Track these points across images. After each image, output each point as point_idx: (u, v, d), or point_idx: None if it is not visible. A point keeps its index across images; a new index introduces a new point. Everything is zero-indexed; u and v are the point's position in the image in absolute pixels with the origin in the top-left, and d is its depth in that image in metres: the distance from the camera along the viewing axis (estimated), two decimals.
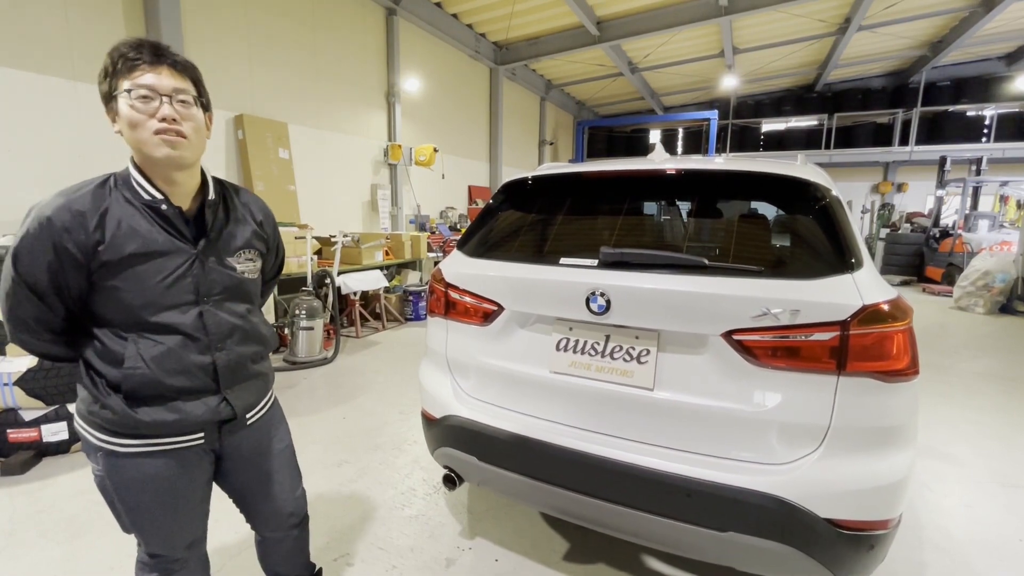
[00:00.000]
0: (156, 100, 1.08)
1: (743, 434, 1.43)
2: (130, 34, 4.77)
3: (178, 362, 1.16)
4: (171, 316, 1.15)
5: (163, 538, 1.28)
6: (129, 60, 1.07)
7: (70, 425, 2.85)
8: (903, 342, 1.34)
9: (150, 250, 1.12)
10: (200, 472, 1.28)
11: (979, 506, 2.50)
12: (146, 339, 1.13)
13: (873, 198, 15.12)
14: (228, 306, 1.25)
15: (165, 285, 1.13)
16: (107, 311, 1.12)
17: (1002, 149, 12.37)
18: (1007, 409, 3.76)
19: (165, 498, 1.22)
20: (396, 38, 8.21)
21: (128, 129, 1.09)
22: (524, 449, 1.67)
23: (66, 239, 1.05)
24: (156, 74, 1.08)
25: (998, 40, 12.05)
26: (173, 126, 1.10)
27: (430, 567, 2.02)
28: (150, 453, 1.18)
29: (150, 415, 1.14)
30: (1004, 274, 7.42)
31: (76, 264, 1.07)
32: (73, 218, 1.05)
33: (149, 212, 1.13)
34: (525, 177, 2.01)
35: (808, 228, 1.53)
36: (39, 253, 1.04)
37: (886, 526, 1.36)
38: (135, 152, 1.14)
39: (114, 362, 1.12)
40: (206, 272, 1.20)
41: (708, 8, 8.75)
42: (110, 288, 1.10)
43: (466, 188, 11.10)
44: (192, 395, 1.19)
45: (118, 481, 1.19)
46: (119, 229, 1.09)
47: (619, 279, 1.54)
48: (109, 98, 1.10)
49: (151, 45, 1.10)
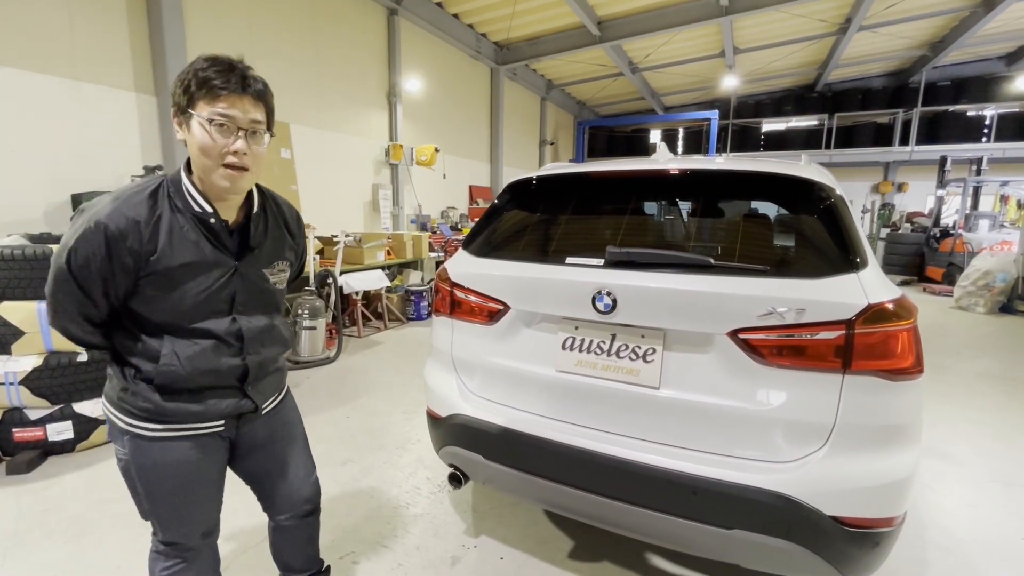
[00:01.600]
0: (232, 132, 1.11)
1: (749, 432, 1.44)
2: (133, 35, 4.82)
3: (210, 363, 1.21)
4: (208, 323, 1.20)
5: (180, 523, 1.31)
6: (215, 88, 1.08)
7: (75, 424, 2.85)
8: (908, 341, 1.35)
9: (196, 261, 1.16)
10: (217, 457, 1.34)
11: (981, 505, 2.51)
12: (181, 340, 1.18)
13: (873, 198, 15.13)
14: (259, 315, 1.31)
15: (205, 296, 1.18)
16: (147, 313, 1.16)
17: (1002, 149, 12.38)
18: (1008, 409, 3.77)
19: (184, 481, 1.27)
20: (397, 38, 8.22)
21: (198, 152, 1.11)
22: (530, 447, 1.68)
23: (120, 245, 1.07)
24: (238, 105, 1.10)
25: (998, 40, 12.06)
26: (242, 161, 1.13)
27: (435, 565, 2.03)
28: (174, 438, 1.23)
29: (177, 406, 1.20)
30: (1005, 274, 7.43)
31: (126, 269, 1.10)
32: (128, 225, 1.08)
33: (198, 224, 1.17)
34: (530, 177, 2.02)
35: (813, 228, 1.54)
36: (92, 254, 1.07)
37: (891, 523, 1.37)
38: (196, 166, 1.16)
39: (149, 358, 1.17)
40: (243, 283, 1.25)
41: (709, 8, 8.75)
42: (153, 295, 1.14)
43: (467, 188, 11.11)
44: (218, 391, 1.26)
45: (142, 464, 1.23)
46: (171, 240, 1.13)
47: (625, 278, 1.55)
48: (183, 111, 1.11)
49: (240, 74, 1.11)
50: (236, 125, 1.10)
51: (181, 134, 1.14)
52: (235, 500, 1.49)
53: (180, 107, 1.11)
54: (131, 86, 4.85)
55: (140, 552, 2.07)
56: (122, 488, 2.49)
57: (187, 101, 1.09)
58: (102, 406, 1.27)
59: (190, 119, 1.10)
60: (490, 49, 10.64)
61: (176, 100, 1.11)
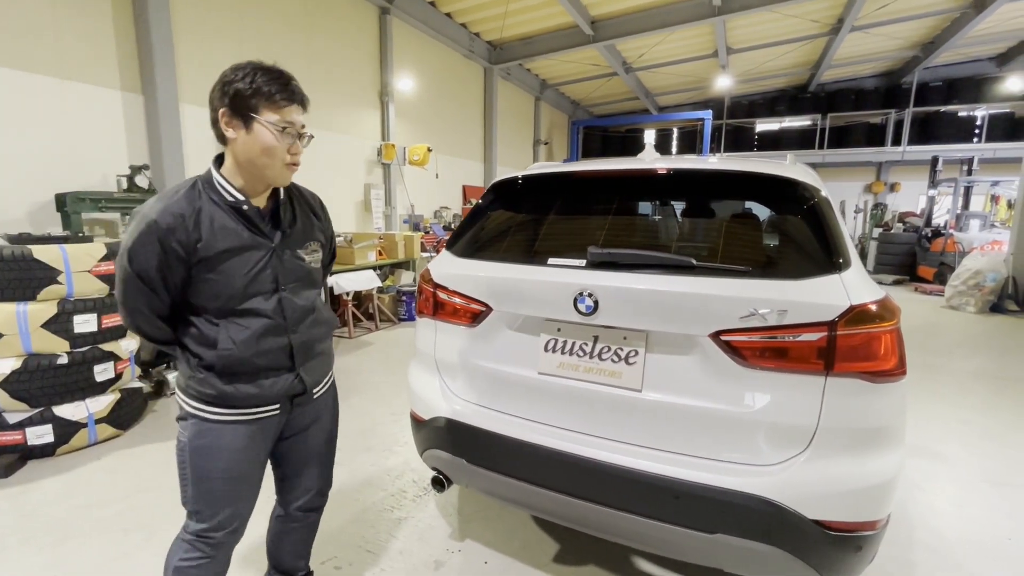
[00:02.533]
0: (291, 135, 1.28)
1: (731, 435, 1.42)
2: (119, 32, 4.77)
3: (261, 343, 1.32)
4: (256, 303, 1.31)
5: (217, 510, 1.36)
6: (279, 98, 1.23)
7: (55, 428, 2.81)
8: (890, 342, 1.33)
9: (238, 245, 1.28)
10: (266, 446, 1.43)
11: (970, 505, 2.50)
12: (235, 324, 1.29)
13: (866, 198, 15.21)
14: (301, 293, 1.41)
15: (250, 276, 1.30)
16: (202, 300, 1.28)
17: (993, 149, 12.45)
18: (998, 408, 3.77)
19: (233, 463, 1.35)
20: (389, 37, 8.17)
21: (259, 152, 1.25)
22: (512, 451, 1.66)
23: (170, 238, 1.20)
24: (294, 113, 1.28)
25: (989, 41, 12.14)
26: (296, 159, 1.32)
27: (419, 570, 2.00)
28: (233, 422, 1.34)
29: (239, 389, 1.31)
30: (995, 273, 7.47)
31: (179, 259, 1.22)
32: (175, 220, 1.21)
33: (233, 212, 1.29)
34: (515, 176, 1.99)
35: (796, 228, 1.52)
36: (148, 250, 1.20)
37: (874, 527, 1.36)
38: (244, 162, 1.27)
39: (209, 345, 1.28)
40: (283, 263, 1.36)
41: (702, 8, 8.75)
42: (206, 280, 1.26)
43: (460, 188, 11.07)
44: (272, 372, 1.36)
45: (198, 444, 1.32)
46: (212, 228, 1.25)
47: (607, 279, 1.53)
48: (241, 114, 1.22)
49: (294, 86, 1.28)
50: (294, 130, 1.28)
51: (232, 133, 1.24)
52: None
53: (239, 111, 1.22)
54: (117, 84, 4.79)
55: (120, 558, 2.04)
56: (103, 493, 2.48)
57: (249, 107, 1.22)
58: (175, 393, 1.42)
59: (251, 122, 1.22)
60: (483, 48, 10.61)
61: (234, 104, 1.22)
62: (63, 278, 2.84)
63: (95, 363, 2.99)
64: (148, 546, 2.12)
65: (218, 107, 1.23)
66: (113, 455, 2.91)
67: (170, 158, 5.08)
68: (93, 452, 2.93)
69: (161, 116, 4.96)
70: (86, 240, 3.26)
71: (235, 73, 1.22)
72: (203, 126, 6.27)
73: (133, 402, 3.28)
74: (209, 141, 5.28)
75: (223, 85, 1.22)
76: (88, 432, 2.95)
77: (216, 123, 1.25)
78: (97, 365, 3.00)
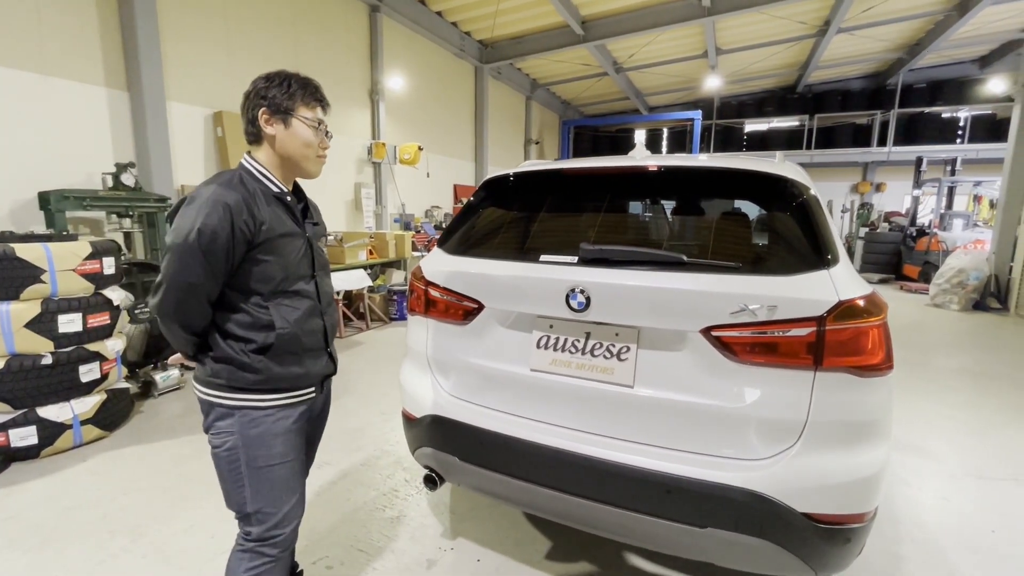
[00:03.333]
0: (322, 132, 1.45)
1: (722, 430, 1.43)
2: (104, 28, 4.70)
3: (307, 323, 1.42)
4: (301, 285, 1.42)
5: (282, 503, 1.39)
6: (313, 100, 1.42)
7: (40, 429, 2.76)
8: (878, 337, 1.35)
9: (289, 232, 1.39)
10: (305, 428, 1.50)
11: (954, 499, 2.54)
12: (284, 306, 1.37)
13: (853, 198, 15.41)
14: (326, 279, 1.56)
15: (297, 259, 1.41)
16: (253, 282, 1.34)
17: (976, 150, 12.68)
18: (981, 404, 3.84)
19: (287, 450, 1.40)
20: (380, 35, 8.13)
21: (299, 144, 1.40)
22: (505, 448, 1.66)
23: (239, 220, 1.27)
24: (323, 112, 1.46)
25: (971, 44, 12.35)
26: (326, 153, 1.49)
27: (411, 569, 1.99)
28: (281, 406, 1.39)
29: (285, 370, 1.38)
30: (978, 272, 7.60)
31: (245, 240, 1.29)
32: (241, 202, 1.29)
33: (276, 201, 1.39)
34: (506, 174, 1.99)
35: (785, 224, 1.53)
36: (219, 228, 1.24)
37: (862, 519, 1.37)
38: (282, 156, 1.40)
39: (262, 327, 1.34)
40: (315, 250, 1.50)
41: (691, 8, 8.81)
42: (264, 261, 1.34)
43: (451, 187, 11.05)
44: (313, 352, 1.46)
45: (254, 435, 1.35)
46: (270, 214, 1.34)
47: (598, 276, 1.53)
48: (281, 112, 1.36)
49: (321, 90, 1.47)
50: (323, 127, 1.45)
51: (271, 129, 1.37)
52: None
53: (278, 110, 1.36)
54: (101, 81, 4.72)
55: (104, 561, 2.01)
56: (88, 495, 2.44)
57: (288, 107, 1.37)
58: (201, 396, 1.37)
59: (290, 119, 1.37)
60: (474, 47, 10.59)
61: (278, 104, 1.36)
62: (47, 277, 2.79)
63: (80, 363, 2.94)
64: (135, 548, 2.09)
65: (257, 107, 1.36)
66: (99, 457, 2.86)
67: (157, 156, 5.01)
68: (78, 454, 2.88)
69: (148, 113, 4.89)
70: (71, 239, 3.20)
71: (269, 81, 1.38)
72: (191, 124, 6.20)
73: (120, 403, 3.23)
74: (198, 139, 5.23)
75: (260, 91, 1.37)
76: (73, 433, 2.90)
77: (254, 123, 1.37)
78: (82, 365, 2.95)
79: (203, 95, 5.56)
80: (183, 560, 2.02)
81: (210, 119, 5.73)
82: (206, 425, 1.40)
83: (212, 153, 5.82)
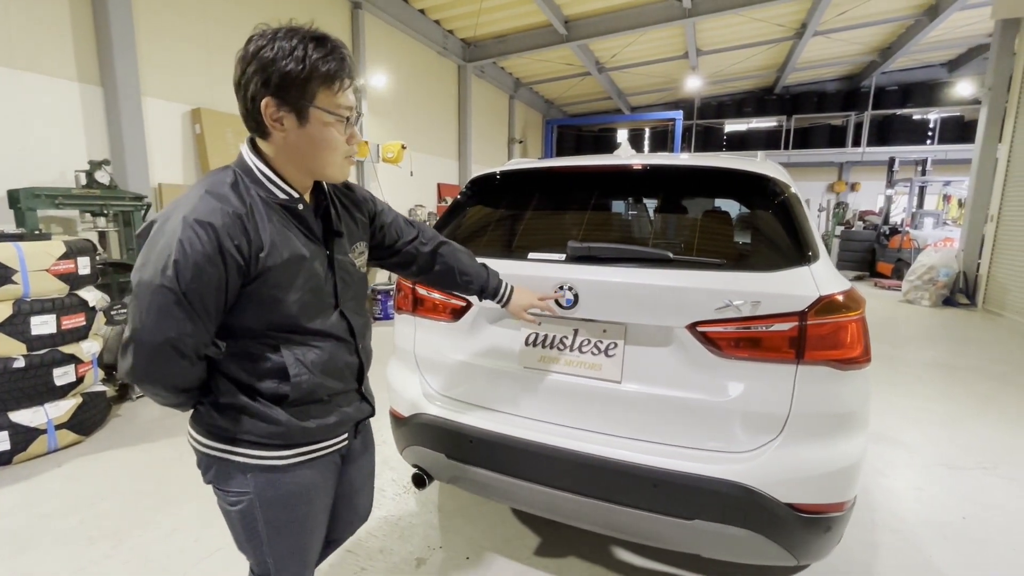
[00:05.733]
0: (352, 123, 1.02)
1: (708, 424, 1.46)
2: (76, 21, 4.56)
3: (333, 364, 1.11)
4: (319, 322, 1.08)
5: (300, 561, 1.18)
6: (334, 77, 0.96)
7: (12, 435, 2.67)
8: (857, 331, 1.39)
9: (298, 254, 1.01)
10: (335, 480, 1.23)
11: (927, 488, 2.63)
12: (300, 346, 1.05)
13: (829, 197, 15.78)
14: (360, 303, 1.21)
15: (313, 291, 1.05)
16: (258, 321, 1.00)
17: (945, 151, 13.10)
18: (951, 396, 3.98)
19: (311, 511, 1.14)
20: (362, 32, 8.06)
21: (321, 148, 0.99)
22: (493, 445, 1.66)
23: (230, 244, 0.91)
24: (352, 90, 1.01)
25: (941, 48, 12.76)
26: (355, 151, 1.06)
27: (400, 568, 1.99)
28: (307, 461, 1.11)
29: (316, 421, 1.10)
30: (947, 269, 7.86)
31: (240, 271, 0.94)
32: (232, 220, 0.92)
33: (284, 212, 1.02)
34: (493, 172, 2.00)
35: (767, 222, 1.57)
36: (206, 263, 0.89)
37: (842, 508, 1.42)
38: (295, 157, 1.00)
39: (276, 374, 1.03)
40: (340, 273, 1.13)
41: (672, 10, 8.93)
42: (266, 298, 0.98)
43: (435, 186, 11.00)
44: (343, 396, 1.17)
45: (272, 497, 1.08)
46: (272, 232, 0.98)
47: (586, 273, 1.55)
48: (294, 103, 0.94)
49: (344, 54, 0.99)
50: (354, 115, 1.02)
51: (280, 127, 0.96)
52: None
53: (290, 100, 0.94)
54: (74, 76, 4.59)
55: (84, 568, 1.96)
56: (65, 502, 2.37)
57: (305, 94, 0.94)
58: (200, 449, 1.07)
59: (307, 112, 0.95)
60: (457, 46, 10.56)
61: (277, 91, 0.93)
62: (18, 277, 2.71)
63: (54, 366, 2.85)
64: (116, 554, 2.04)
65: (259, 96, 0.93)
66: (75, 462, 2.79)
67: (133, 153, 4.90)
68: (53, 459, 2.80)
69: (122, 109, 4.78)
70: (44, 238, 3.11)
71: (276, 48, 0.92)
72: (169, 120, 6.07)
73: (96, 407, 3.14)
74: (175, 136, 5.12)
75: (262, 66, 0.92)
76: (47, 439, 2.81)
77: (255, 114, 0.96)
78: (56, 368, 2.86)
79: (181, 91, 5.44)
80: (167, 565, 1.98)
81: (188, 116, 5.62)
82: (207, 480, 1.10)
83: (191, 151, 5.70)
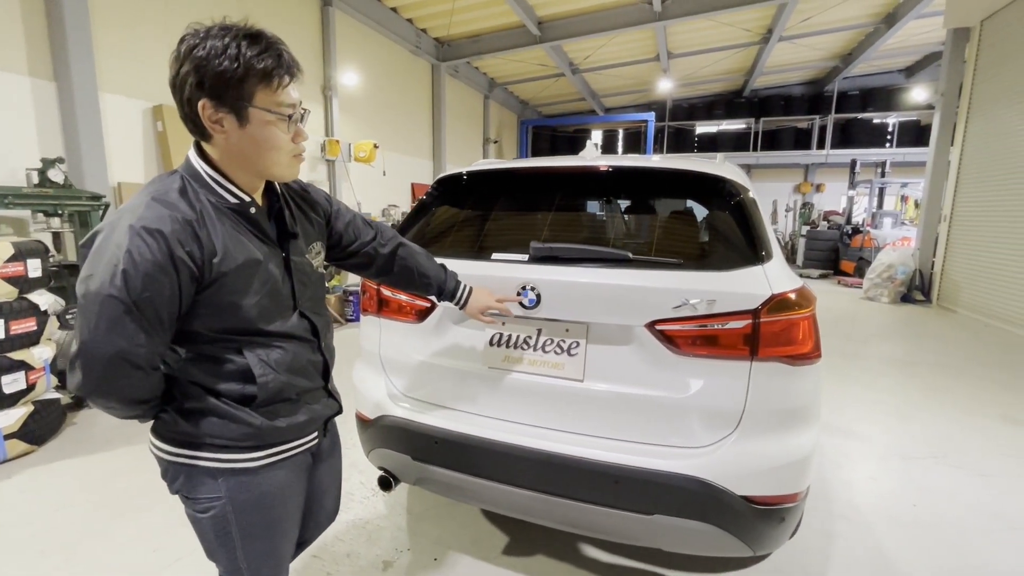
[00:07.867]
0: (295, 120, 1.01)
1: (667, 420, 1.49)
2: (26, 12, 4.35)
3: (298, 362, 1.11)
4: (281, 323, 1.08)
5: (276, 560, 1.17)
6: (273, 73, 0.93)
7: None
8: (807, 328, 1.45)
9: (252, 258, 1.00)
10: (305, 478, 1.24)
11: (881, 478, 2.74)
12: (262, 347, 1.05)
13: (796, 197, 16.24)
14: (319, 303, 1.22)
15: (270, 294, 1.05)
16: (216, 326, 1.00)
17: (903, 154, 13.65)
18: (906, 389, 4.15)
19: (284, 512, 1.15)
20: (332, 30, 7.93)
21: (263, 148, 0.98)
22: (458, 446, 1.66)
23: (182, 252, 0.90)
24: (294, 86, 0.99)
25: (898, 55, 13.31)
26: (303, 148, 1.06)
27: (367, 572, 1.97)
28: (279, 462, 1.12)
29: (287, 420, 1.11)
30: (905, 267, 8.19)
31: (193, 278, 0.93)
32: (183, 228, 0.91)
33: (236, 216, 1.01)
34: (459, 172, 2.00)
35: (724, 222, 1.62)
36: (157, 271, 0.87)
37: (795, 499, 1.47)
38: (239, 158, 0.99)
39: (240, 376, 1.03)
40: (297, 274, 1.13)
41: (644, 13, 9.07)
42: (222, 304, 0.98)
43: (409, 185, 10.91)
44: (311, 394, 1.18)
45: (245, 501, 1.07)
46: (225, 237, 0.97)
47: (549, 273, 1.57)
48: (231, 104, 0.92)
49: (282, 51, 0.96)
50: (297, 112, 1.01)
51: (220, 129, 0.94)
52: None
53: (227, 100, 0.92)
54: (24, 70, 4.39)
55: (55, 573, 1.88)
56: (15, 513, 2.27)
57: (241, 94, 0.92)
58: (165, 457, 1.05)
59: (245, 112, 0.93)
60: (431, 45, 10.49)
61: (212, 92, 0.91)
62: None
63: (3, 373, 2.73)
64: (68, 567, 1.96)
65: (194, 99, 0.91)
66: (26, 472, 2.67)
67: (89, 151, 4.71)
68: (3, 470, 2.68)
69: (78, 106, 4.59)
70: None
71: (208, 47, 0.89)
72: (128, 117, 5.87)
73: (49, 415, 3.02)
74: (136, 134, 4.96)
75: (195, 67, 0.89)
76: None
77: (193, 117, 0.94)
78: (5, 376, 2.74)
79: (141, 87, 5.26)
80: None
81: (149, 113, 5.43)
82: (174, 490, 1.07)
83: (152, 149, 5.52)
